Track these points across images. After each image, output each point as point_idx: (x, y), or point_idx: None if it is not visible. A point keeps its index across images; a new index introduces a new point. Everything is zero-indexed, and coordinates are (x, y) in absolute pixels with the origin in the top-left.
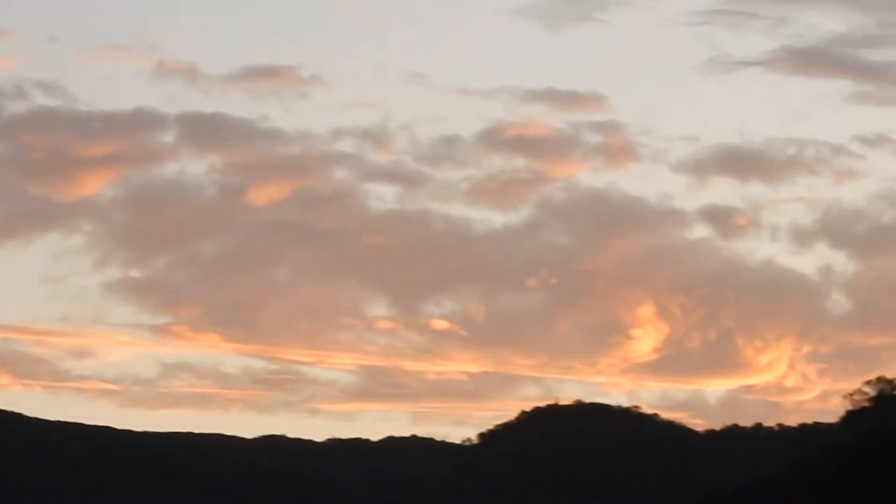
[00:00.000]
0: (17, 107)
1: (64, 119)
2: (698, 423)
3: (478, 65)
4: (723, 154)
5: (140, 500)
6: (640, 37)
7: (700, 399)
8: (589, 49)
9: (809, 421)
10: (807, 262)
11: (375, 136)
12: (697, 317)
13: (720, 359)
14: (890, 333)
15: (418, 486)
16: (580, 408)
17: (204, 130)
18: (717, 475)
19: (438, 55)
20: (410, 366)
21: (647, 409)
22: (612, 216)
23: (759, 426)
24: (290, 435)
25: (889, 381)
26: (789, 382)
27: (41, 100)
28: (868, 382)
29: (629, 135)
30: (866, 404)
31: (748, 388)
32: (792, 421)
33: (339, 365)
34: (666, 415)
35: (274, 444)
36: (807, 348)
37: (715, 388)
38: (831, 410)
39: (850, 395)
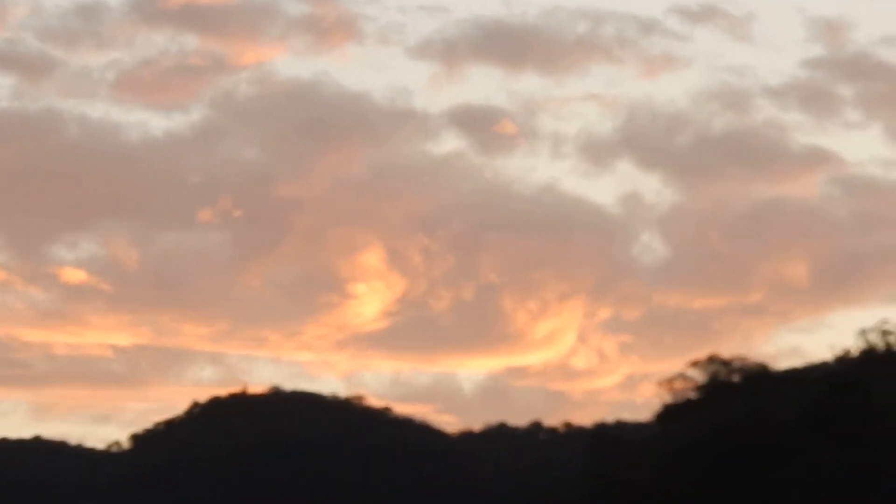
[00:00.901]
0: None
1: None
2: (448, 422)
3: None
4: (482, 32)
5: None
6: None
7: (451, 386)
8: None
9: (609, 419)
10: (604, 188)
11: None
12: (446, 267)
13: (479, 328)
14: (725, 291)
15: None
16: (277, 398)
17: None
18: (474, 494)
19: None
20: (31, 335)
21: (374, 401)
22: (322, 121)
23: (535, 426)
24: None
25: (725, 362)
26: (579, 362)
27: None
28: (694, 363)
29: (347, 4)
30: (692, 395)
31: (520, 371)
32: (584, 419)
33: None
34: (402, 408)
35: None
36: (604, 313)
37: (472, 370)
38: (640, 404)
39: (669, 381)
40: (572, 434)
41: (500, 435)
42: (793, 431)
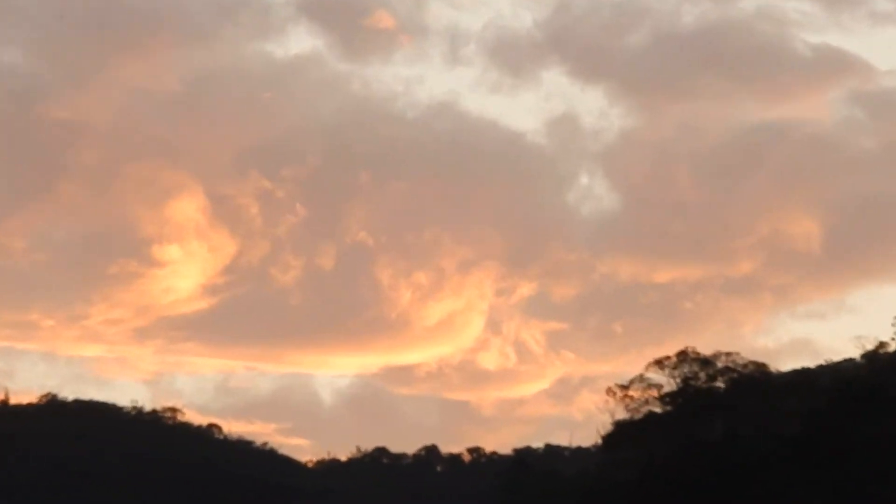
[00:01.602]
0: None
1: None
2: (302, 446)
3: None
4: None
5: None
6: None
7: (305, 395)
8: None
9: (535, 443)
10: (524, 107)
11: None
12: (296, 221)
13: (344, 311)
14: (701, 259)
15: None
16: (53, 409)
17: None
18: None
19: None
20: None
21: (194, 416)
22: (114, 10)
23: (429, 453)
24: None
25: (704, 361)
26: (489, 361)
27: None
28: (658, 363)
29: None
30: (655, 410)
31: (404, 374)
32: (499, 443)
33: None
34: (234, 427)
35: None
36: (526, 289)
37: (335, 370)
38: (580, 421)
39: (622, 389)
40: (482, 465)
41: (377, 466)
42: (798, 464)
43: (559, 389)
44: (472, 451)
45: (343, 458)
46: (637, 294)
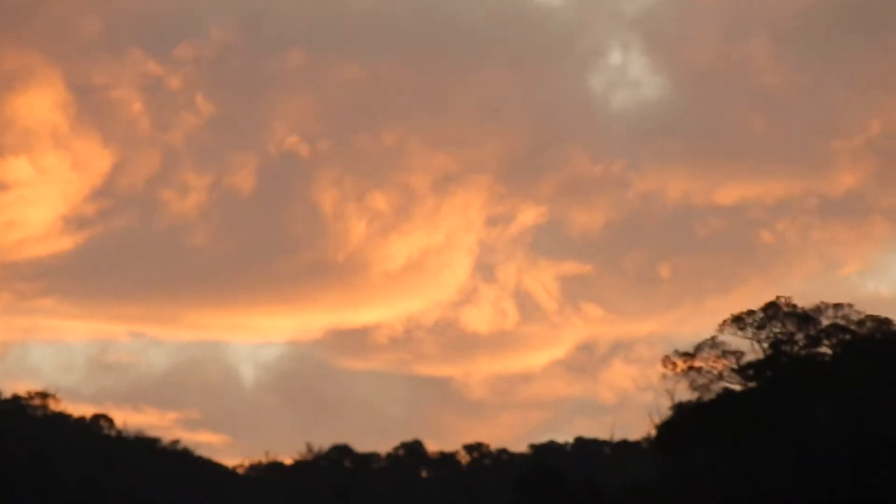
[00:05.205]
0: None
1: None
2: (213, 444)
3: None
4: None
5: None
6: None
7: (213, 371)
8: None
9: (557, 437)
10: None
11: None
12: (196, 121)
13: (269, 252)
14: (794, 169)
15: None
16: None
17: None
18: None
19: None
20: None
21: (67, 405)
22: None
23: (408, 454)
24: None
25: (804, 316)
26: (478, 320)
27: None
28: (737, 320)
29: None
30: (734, 386)
31: (356, 340)
32: (505, 439)
33: None
34: (122, 416)
35: None
36: (532, 213)
37: (255, 338)
38: (613, 406)
39: (687, 357)
40: (486, 469)
41: (337, 471)
42: None
43: (580, 359)
44: (470, 449)
45: (287, 460)
46: (693, 221)
